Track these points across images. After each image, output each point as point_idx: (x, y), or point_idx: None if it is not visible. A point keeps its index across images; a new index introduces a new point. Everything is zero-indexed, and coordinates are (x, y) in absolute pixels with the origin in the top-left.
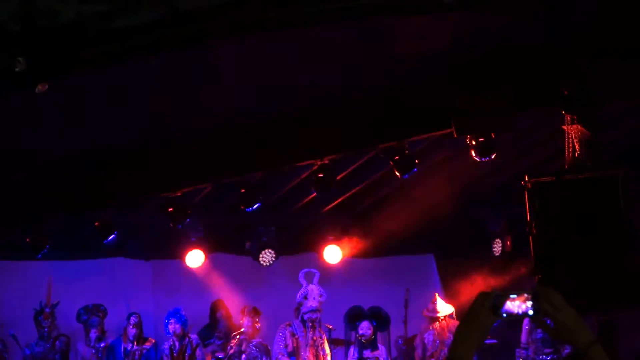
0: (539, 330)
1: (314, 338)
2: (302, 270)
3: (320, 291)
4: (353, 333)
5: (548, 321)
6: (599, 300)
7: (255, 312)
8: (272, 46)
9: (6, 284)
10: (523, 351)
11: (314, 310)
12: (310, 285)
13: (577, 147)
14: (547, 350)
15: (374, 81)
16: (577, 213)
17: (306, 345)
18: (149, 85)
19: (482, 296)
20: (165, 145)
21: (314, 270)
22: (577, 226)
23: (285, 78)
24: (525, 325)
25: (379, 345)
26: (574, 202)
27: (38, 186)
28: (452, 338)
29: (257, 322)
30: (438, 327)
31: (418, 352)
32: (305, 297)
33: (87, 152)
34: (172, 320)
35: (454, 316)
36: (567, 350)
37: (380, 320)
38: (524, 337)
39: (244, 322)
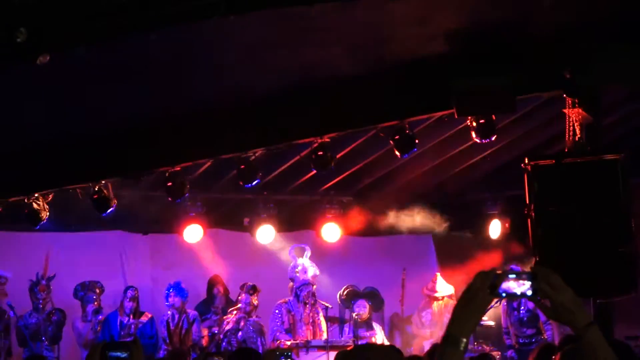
0: (515, 313)
1: (311, 314)
2: (292, 246)
3: (312, 265)
4: (347, 311)
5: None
6: (595, 283)
7: (254, 289)
8: (274, 24)
9: (4, 255)
10: (505, 335)
11: (306, 284)
12: (300, 259)
13: (577, 131)
14: (529, 332)
15: (376, 60)
16: (576, 196)
17: (302, 321)
18: (150, 60)
19: (481, 276)
20: (166, 120)
21: (304, 245)
22: (575, 209)
23: (287, 56)
24: (503, 308)
25: (374, 324)
26: (573, 186)
27: (37, 158)
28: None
29: (255, 299)
30: (436, 308)
31: (414, 328)
32: (297, 272)
33: (87, 125)
34: (172, 293)
35: (454, 297)
36: (548, 331)
37: (375, 300)
38: (503, 321)
39: (242, 299)
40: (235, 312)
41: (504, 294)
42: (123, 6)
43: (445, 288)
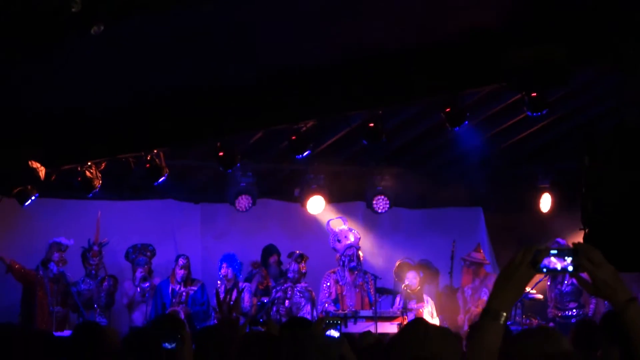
0: (559, 286)
1: (361, 283)
2: (328, 220)
3: (351, 230)
4: (400, 284)
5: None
6: None
7: (301, 257)
8: None
9: (57, 222)
10: (548, 308)
11: (349, 247)
12: (338, 227)
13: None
14: (571, 305)
15: (427, 33)
16: (627, 172)
17: (352, 290)
18: (203, 31)
19: (523, 251)
20: (218, 89)
21: (340, 217)
22: (626, 185)
23: (340, 27)
24: (548, 282)
25: (425, 297)
26: (624, 161)
27: (90, 128)
28: (487, 294)
29: (303, 267)
30: (474, 277)
31: (460, 304)
32: (338, 240)
33: (140, 95)
34: (224, 265)
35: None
36: (591, 306)
37: (428, 271)
38: (547, 294)
39: (290, 268)
40: (283, 281)
41: (545, 270)
42: None
43: (481, 258)
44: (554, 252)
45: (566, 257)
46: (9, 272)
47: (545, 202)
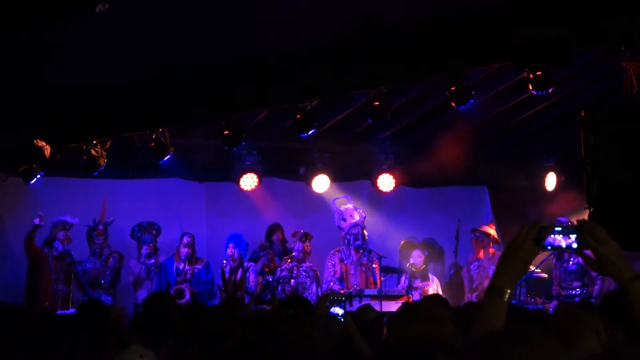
0: (565, 264)
1: (365, 262)
2: (334, 199)
3: (356, 209)
4: (405, 262)
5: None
6: None
7: (306, 236)
8: None
9: (62, 201)
10: (553, 288)
11: (354, 226)
12: (343, 206)
13: (635, 84)
14: (575, 284)
15: (434, 12)
16: (632, 150)
17: (357, 269)
18: (214, 6)
19: (527, 228)
20: (222, 67)
21: (346, 196)
22: (631, 163)
23: (347, 6)
24: (553, 260)
25: (430, 276)
26: (629, 140)
27: (95, 106)
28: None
29: (307, 246)
30: (484, 250)
31: (465, 283)
32: (343, 219)
33: (144, 73)
34: (230, 245)
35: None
36: (597, 286)
37: (433, 250)
38: (552, 272)
39: (295, 247)
40: (289, 260)
41: (549, 247)
42: None
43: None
44: (558, 229)
45: (570, 235)
46: (27, 247)
47: (551, 181)
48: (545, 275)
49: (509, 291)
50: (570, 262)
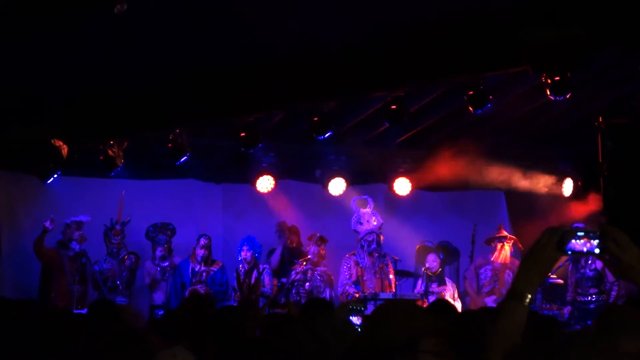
0: (582, 270)
1: (380, 266)
2: (354, 198)
3: (374, 214)
4: (421, 267)
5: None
6: None
7: (321, 240)
8: None
9: (79, 201)
10: (568, 293)
11: (370, 232)
12: (362, 210)
13: None
14: (592, 291)
15: (452, 14)
16: None
17: (371, 273)
18: (227, 8)
19: (549, 232)
20: (240, 69)
21: (366, 197)
22: None
23: (363, 8)
24: (570, 266)
25: (446, 280)
26: None
27: (112, 106)
28: (511, 275)
29: (322, 250)
30: (497, 259)
31: (471, 284)
32: (360, 222)
33: (161, 74)
34: (244, 248)
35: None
36: (613, 292)
37: (448, 253)
38: (568, 277)
39: (310, 250)
40: (304, 262)
41: (570, 252)
42: None
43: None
44: (580, 233)
45: (592, 239)
46: (37, 251)
47: (568, 186)
48: (560, 281)
49: (529, 296)
50: (588, 268)
